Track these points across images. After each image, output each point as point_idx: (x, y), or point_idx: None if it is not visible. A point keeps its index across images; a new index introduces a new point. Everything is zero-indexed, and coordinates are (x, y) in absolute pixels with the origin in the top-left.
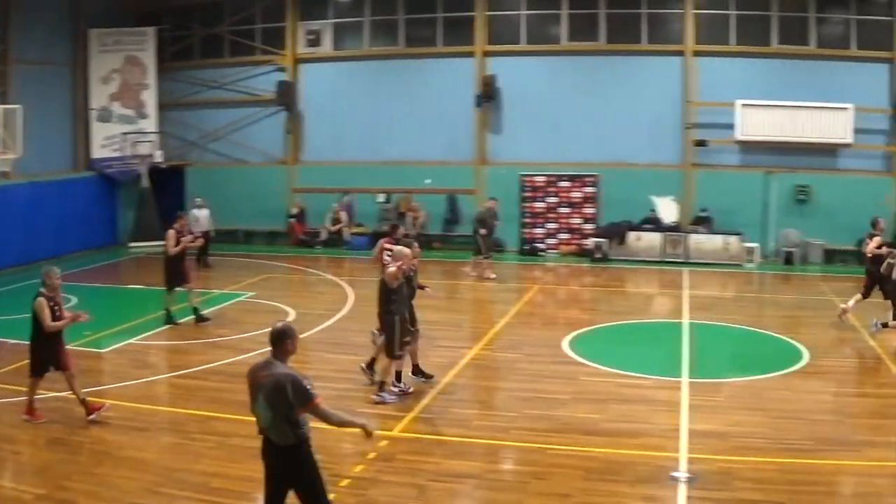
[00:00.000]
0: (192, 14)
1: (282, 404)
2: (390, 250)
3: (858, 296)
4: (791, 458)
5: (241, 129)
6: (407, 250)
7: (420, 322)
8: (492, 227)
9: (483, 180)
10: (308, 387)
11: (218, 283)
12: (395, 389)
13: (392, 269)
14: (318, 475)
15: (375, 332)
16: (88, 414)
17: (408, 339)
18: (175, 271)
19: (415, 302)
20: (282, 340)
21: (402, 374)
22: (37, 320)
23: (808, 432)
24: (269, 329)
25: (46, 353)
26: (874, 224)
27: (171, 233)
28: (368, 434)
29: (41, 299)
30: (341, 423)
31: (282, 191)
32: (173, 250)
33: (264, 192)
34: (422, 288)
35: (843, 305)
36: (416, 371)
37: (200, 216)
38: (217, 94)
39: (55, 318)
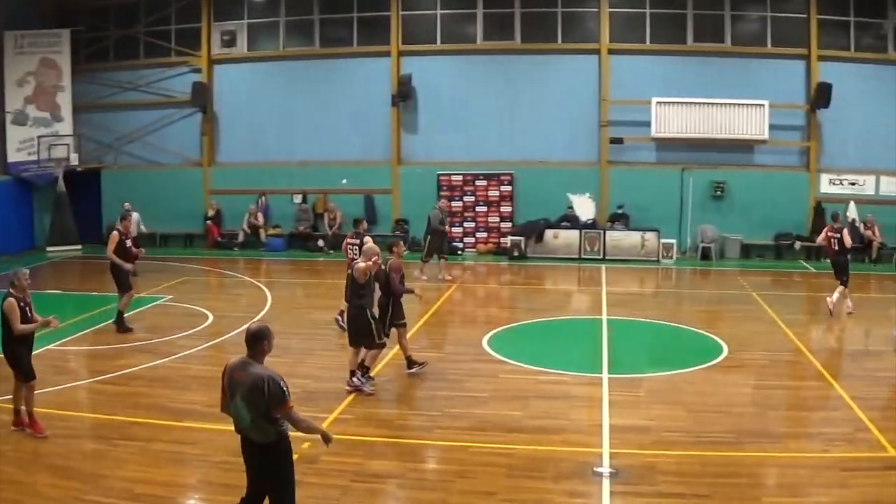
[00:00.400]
0: (107, 15)
1: (260, 403)
2: (355, 245)
3: (841, 287)
4: (713, 451)
5: (156, 131)
6: (376, 247)
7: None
8: (444, 229)
9: (399, 180)
10: (284, 389)
11: (135, 287)
12: (355, 382)
13: (361, 264)
14: (291, 473)
15: (339, 317)
16: (18, 425)
17: (381, 339)
18: (121, 274)
19: (342, 302)
20: (258, 341)
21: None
22: (6, 323)
23: (730, 425)
24: (245, 330)
25: (21, 355)
26: (835, 217)
27: (115, 235)
28: (328, 441)
29: (11, 300)
30: (308, 430)
31: (198, 193)
32: (111, 253)
33: (180, 195)
34: (410, 292)
35: (829, 300)
36: (362, 367)
37: (131, 221)
38: (132, 95)
39: (26, 321)
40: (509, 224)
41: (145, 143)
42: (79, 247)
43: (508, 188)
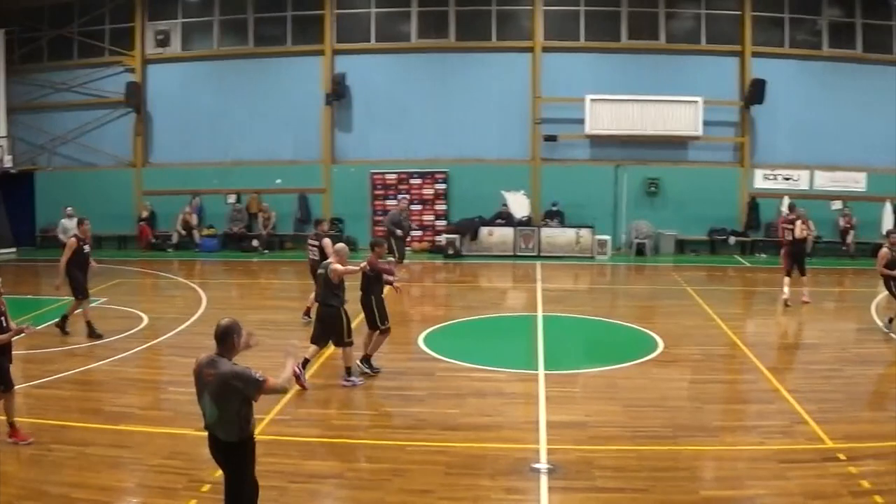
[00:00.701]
0: (41, 15)
1: (230, 401)
2: (315, 246)
3: (787, 279)
4: (650, 445)
5: (90, 132)
6: (346, 247)
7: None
8: (407, 229)
9: (332, 179)
10: (255, 374)
11: (68, 290)
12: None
13: (338, 266)
14: (249, 471)
15: (306, 317)
16: (10, 437)
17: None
18: (77, 279)
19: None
20: (227, 336)
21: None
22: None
23: (666, 419)
24: (214, 326)
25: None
26: (791, 209)
27: (73, 241)
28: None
29: None
30: (288, 382)
31: (131, 194)
32: (64, 261)
33: (114, 196)
34: (397, 289)
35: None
36: (365, 361)
37: (70, 226)
38: (66, 96)
39: (1, 329)
40: (444, 222)
41: (79, 145)
42: (13, 249)
43: (443, 186)
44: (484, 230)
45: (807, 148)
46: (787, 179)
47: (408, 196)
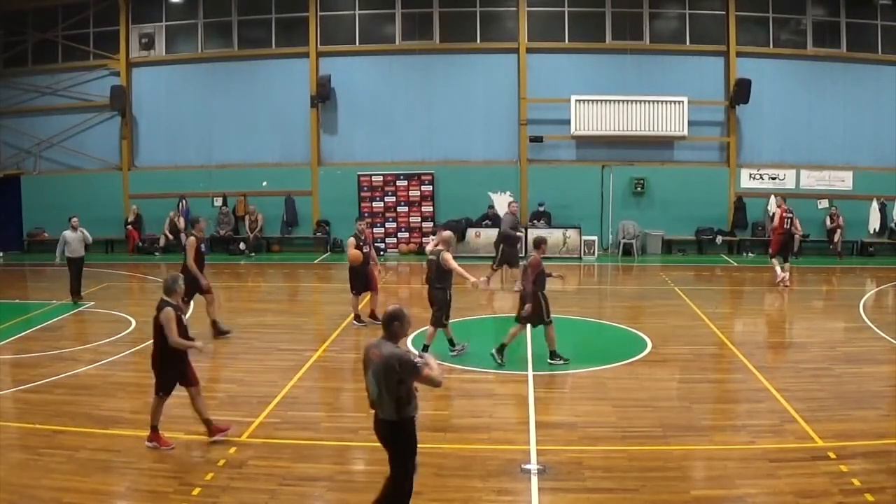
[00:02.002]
0: (25, 19)
1: (389, 381)
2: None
3: (777, 259)
4: (640, 445)
5: (76, 136)
6: (452, 235)
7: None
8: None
9: (319, 181)
10: (413, 360)
11: (57, 294)
12: (460, 350)
13: (450, 260)
14: (410, 453)
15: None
16: (211, 435)
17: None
18: (194, 281)
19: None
20: (391, 322)
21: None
22: (161, 333)
23: (656, 419)
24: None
25: (174, 367)
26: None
27: (193, 241)
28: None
29: (169, 310)
30: (441, 377)
31: (117, 197)
32: (191, 263)
33: (100, 200)
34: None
35: (782, 278)
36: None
37: (73, 240)
38: (51, 100)
39: (181, 333)
40: (431, 224)
41: (65, 149)
42: (0, 254)
43: (429, 188)
44: (471, 232)
45: (793, 147)
46: (774, 179)
47: (517, 202)
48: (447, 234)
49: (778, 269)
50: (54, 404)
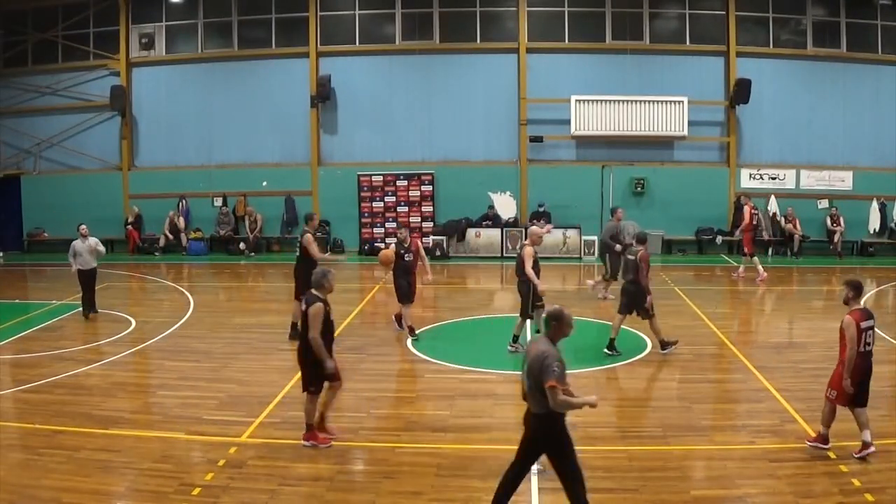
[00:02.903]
0: (25, 19)
1: (537, 376)
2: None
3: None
4: (640, 445)
5: (76, 136)
6: (538, 230)
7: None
8: (624, 243)
9: (319, 181)
10: (553, 368)
11: (57, 294)
12: (522, 349)
13: (529, 254)
14: (565, 444)
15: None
16: (320, 431)
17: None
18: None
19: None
20: (549, 322)
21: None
22: (306, 328)
23: (656, 419)
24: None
25: (320, 364)
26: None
27: (309, 237)
28: (593, 405)
29: (319, 305)
30: (566, 407)
31: (117, 198)
32: (319, 256)
33: (100, 200)
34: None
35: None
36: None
37: (83, 250)
38: (51, 100)
39: (326, 329)
40: (431, 224)
41: (65, 149)
42: (0, 254)
43: (429, 188)
44: (471, 232)
45: (792, 147)
46: (774, 179)
47: (622, 208)
48: (535, 229)
49: (760, 267)
50: (54, 404)
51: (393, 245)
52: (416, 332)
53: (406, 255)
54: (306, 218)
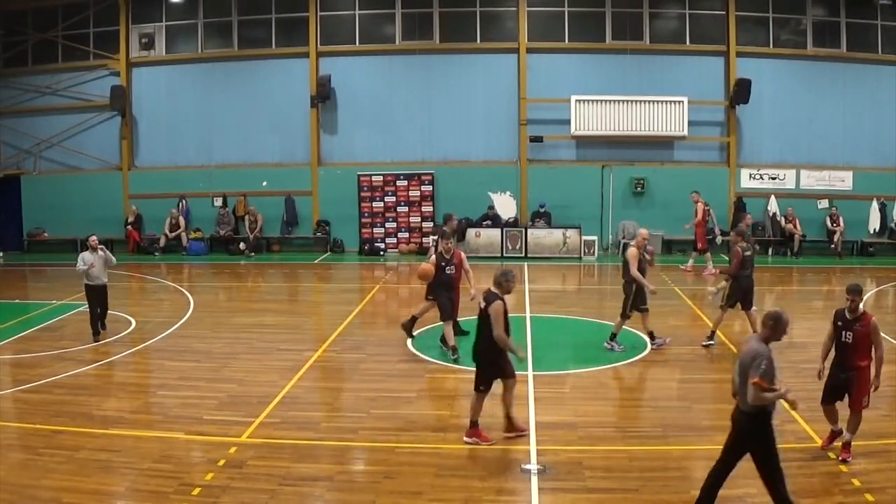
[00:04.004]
0: (25, 19)
1: (745, 373)
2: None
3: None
4: (640, 445)
5: (76, 136)
6: (646, 232)
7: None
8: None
9: (319, 181)
10: (762, 366)
11: (57, 294)
12: (619, 348)
13: (632, 254)
14: (771, 442)
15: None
16: (508, 431)
17: (644, 306)
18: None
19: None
20: (766, 322)
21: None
22: (488, 326)
23: (656, 419)
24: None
25: (495, 362)
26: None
27: (449, 237)
28: (791, 402)
29: (500, 303)
30: (764, 401)
31: (118, 198)
32: (431, 261)
33: (100, 200)
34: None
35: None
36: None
37: (92, 262)
38: (52, 100)
39: (506, 329)
40: (431, 224)
41: (65, 149)
42: (0, 254)
43: (429, 188)
44: (471, 232)
45: (793, 147)
46: (774, 179)
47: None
48: (643, 231)
49: (710, 264)
50: (54, 404)
51: (433, 257)
52: (455, 351)
53: (448, 267)
54: (445, 218)
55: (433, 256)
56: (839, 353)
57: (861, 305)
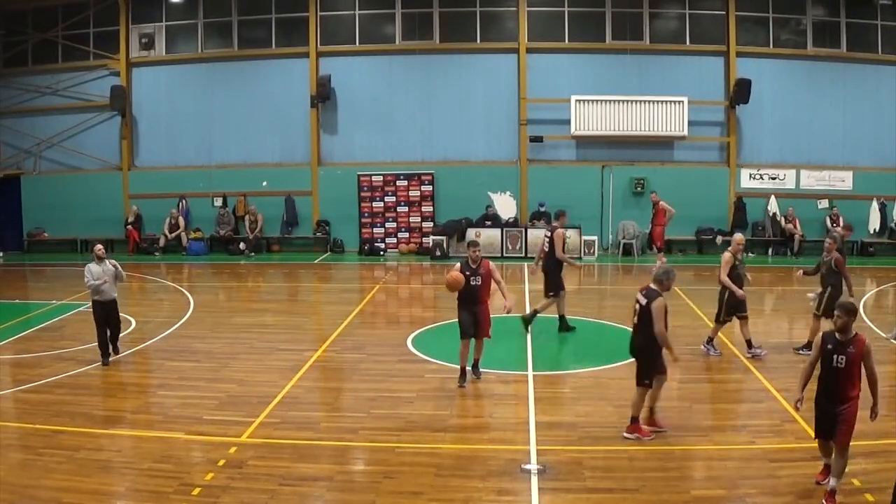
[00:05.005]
0: (25, 19)
1: None
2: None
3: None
4: (640, 445)
5: (76, 136)
6: (742, 236)
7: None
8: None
9: (319, 181)
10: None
11: (57, 294)
12: (714, 352)
13: (726, 254)
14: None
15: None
16: (649, 424)
17: (743, 313)
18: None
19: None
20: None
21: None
22: (648, 322)
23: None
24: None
25: (657, 357)
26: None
27: (560, 232)
28: None
29: (662, 300)
30: None
31: (118, 197)
32: (560, 254)
33: (101, 200)
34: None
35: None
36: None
37: (100, 276)
38: (52, 100)
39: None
40: (431, 224)
41: (65, 148)
42: (0, 254)
43: (429, 188)
44: (471, 231)
45: (793, 147)
46: (774, 179)
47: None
48: (738, 236)
49: (662, 260)
50: (54, 404)
51: (458, 264)
52: (479, 372)
53: (473, 278)
54: (557, 214)
55: (458, 264)
56: (828, 381)
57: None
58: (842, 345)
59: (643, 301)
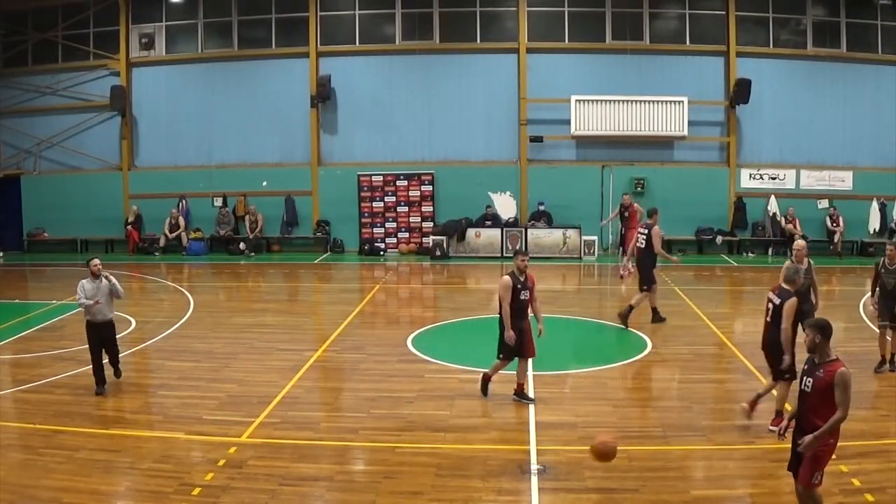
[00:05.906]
0: (25, 19)
1: None
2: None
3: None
4: (640, 445)
5: (76, 136)
6: (804, 243)
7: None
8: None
9: (319, 181)
10: None
11: (57, 294)
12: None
13: (788, 262)
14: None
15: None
16: (753, 407)
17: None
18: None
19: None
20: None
21: None
22: (778, 320)
23: (656, 419)
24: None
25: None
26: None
27: (657, 229)
28: None
29: (794, 300)
30: None
31: (118, 197)
32: (658, 250)
33: (101, 200)
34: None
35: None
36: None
37: (94, 294)
38: (52, 100)
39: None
40: (431, 224)
41: (65, 148)
42: (0, 254)
43: (429, 188)
44: (471, 231)
45: (793, 147)
46: (774, 179)
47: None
48: (800, 243)
49: (629, 267)
50: (54, 404)
51: (507, 277)
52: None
53: (522, 292)
54: (650, 212)
55: (506, 277)
56: (799, 407)
57: (829, 349)
58: (814, 367)
59: (776, 301)
